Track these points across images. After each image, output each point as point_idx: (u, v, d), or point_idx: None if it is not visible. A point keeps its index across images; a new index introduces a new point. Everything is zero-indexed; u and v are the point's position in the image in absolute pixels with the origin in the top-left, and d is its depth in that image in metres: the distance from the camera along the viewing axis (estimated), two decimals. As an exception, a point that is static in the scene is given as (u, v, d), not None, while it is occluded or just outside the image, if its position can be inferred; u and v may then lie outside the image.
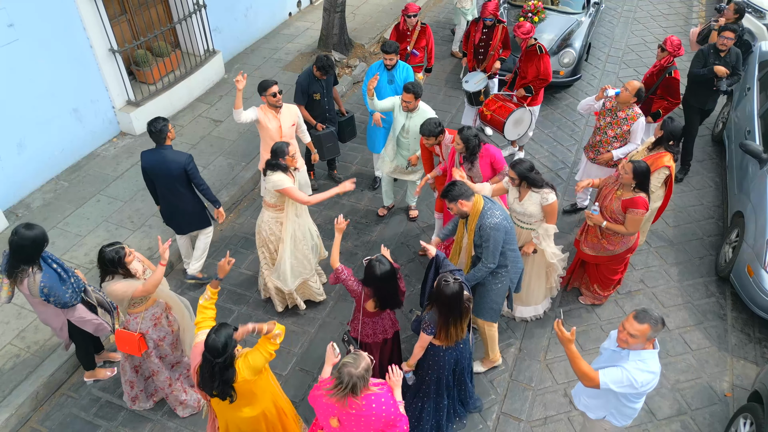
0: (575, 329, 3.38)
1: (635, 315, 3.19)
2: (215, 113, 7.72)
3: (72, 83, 6.41)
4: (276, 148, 4.64)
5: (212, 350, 3.11)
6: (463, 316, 3.69)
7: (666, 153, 5.04)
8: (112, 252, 3.76)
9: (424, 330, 3.73)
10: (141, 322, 4.04)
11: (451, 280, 3.56)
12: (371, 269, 3.72)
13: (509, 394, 4.73)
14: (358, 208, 6.52)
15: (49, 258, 3.97)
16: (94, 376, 4.77)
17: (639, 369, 3.20)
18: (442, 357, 3.89)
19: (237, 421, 3.52)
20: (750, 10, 8.98)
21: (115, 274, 3.82)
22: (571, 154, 7.36)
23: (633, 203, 4.55)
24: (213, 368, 3.14)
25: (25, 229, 3.79)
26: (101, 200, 6.30)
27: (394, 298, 3.90)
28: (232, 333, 3.19)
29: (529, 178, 4.44)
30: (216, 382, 3.18)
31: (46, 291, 3.83)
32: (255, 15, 9.16)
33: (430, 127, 4.96)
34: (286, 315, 5.33)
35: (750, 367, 4.95)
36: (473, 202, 4.06)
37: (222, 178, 6.67)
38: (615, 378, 3.23)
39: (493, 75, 7.07)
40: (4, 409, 4.41)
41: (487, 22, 6.78)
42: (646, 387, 3.22)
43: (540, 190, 4.48)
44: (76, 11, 6.18)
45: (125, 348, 4.07)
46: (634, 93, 5.29)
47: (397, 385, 3.30)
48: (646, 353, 3.23)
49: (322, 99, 5.99)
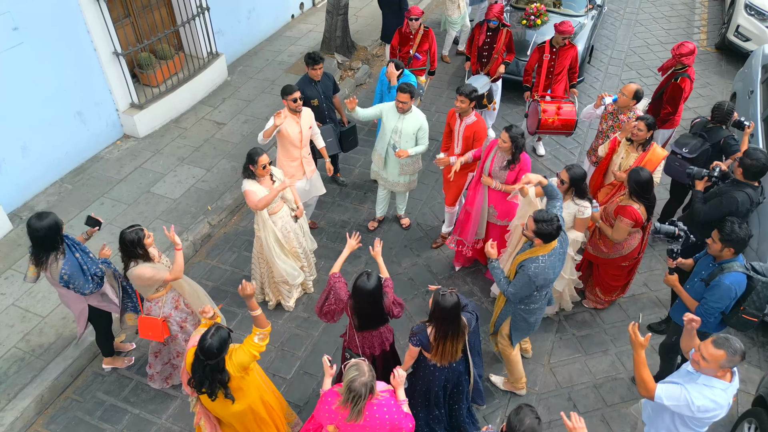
0: (650, 336, 3.34)
1: (714, 340, 3.06)
2: (218, 116, 7.73)
3: (76, 86, 6.42)
4: (250, 153, 4.58)
5: (207, 353, 3.17)
6: (459, 332, 3.63)
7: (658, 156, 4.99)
8: (132, 233, 3.87)
9: (410, 340, 3.70)
10: (162, 306, 4.16)
11: (448, 292, 3.51)
12: (356, 282, 3.67)
13: (513, 397, 4.73)
14: (361, 211, 6.52)
15: (74, 245, 4.08)
16: (113, 363, 4.85)
17: (701, 394, 3.08)
18: (432, 372, 3.81)
19: (225, 415, 3.59)
20: (753, 12, 8.99)
21: (136, 257, 3.92)
22: (574, 157, 7.37)
23: (623, 210, 4.50)
24: (204, 368, 3.21)
25: (38, 219, 3.86)
26: (105, 203, 6.31)
27: (374, 318, 3.82)
28: (227, 337, 3.24)
29: (579, 188, 4.39)
30: (207, 382, 3.24)
31: (66, 278, 3.94)
32: (258, 17, 9.17)
33: (469, 89, 5.05)
34: (289, 319, 5.34)
35: (754, 371, 4.95)
36: (547, 246, 3.87)
37: (225, 181, 6.68)
38: (671, 394, 3.15)
39: (497, 79, 7.07)
40: (9, 412, 4.42)
41: (491, 25, 6.77)
42: (704, 414, 3.10)
43: (581, 202, 4.44)
44: (80, 14, 6.20)
45: (148, 334, 4.18)
46: (631, 96, 5.31)
47: (400, 386, 3.32)
48: (718, 382, 3.10)
49: (320, 105, 5.94)
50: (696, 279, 4.06)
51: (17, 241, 5.77)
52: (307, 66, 5.78)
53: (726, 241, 3.76)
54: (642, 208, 4.47)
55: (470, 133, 5.23)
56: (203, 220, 6.15)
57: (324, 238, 6.15)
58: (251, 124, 7.59)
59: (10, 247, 5.72)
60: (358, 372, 3.00)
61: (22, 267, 5.50)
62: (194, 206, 6.34)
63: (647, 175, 4.43)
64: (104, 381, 4.81)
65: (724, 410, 3.15)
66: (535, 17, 8.42)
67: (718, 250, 3.84)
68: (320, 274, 5.76)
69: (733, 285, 3.76)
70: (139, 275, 3.93)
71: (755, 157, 4.42)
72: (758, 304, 3.79)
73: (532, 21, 8.41)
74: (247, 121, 7.66)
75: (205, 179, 6.70)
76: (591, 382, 4.87)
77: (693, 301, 4.02)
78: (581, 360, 5.05)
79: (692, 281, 4.11)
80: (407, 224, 6.33)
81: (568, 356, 5.07)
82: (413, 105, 5.42)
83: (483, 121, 5.28)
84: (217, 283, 5.62)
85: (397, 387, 3.31)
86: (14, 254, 5.64)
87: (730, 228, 3.72)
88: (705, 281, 3.93)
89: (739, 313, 3.86)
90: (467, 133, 5.25)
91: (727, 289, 3.77)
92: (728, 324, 4.00)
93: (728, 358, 3.03)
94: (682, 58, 5.79)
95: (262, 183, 4.66)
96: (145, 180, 6.64)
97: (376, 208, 6.21)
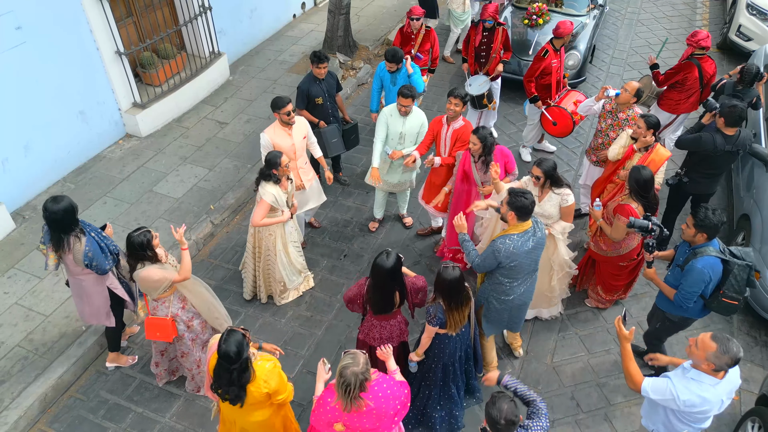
0: (634, 329, 3.42)
1: (715, 333, 3.10)
2: (221, 115, 7.73)
3: (78, 85, 6.43)
4: (270, 158, 4.65)
5: (225, 357, 3.14)
6: (464, 302, 3.77)
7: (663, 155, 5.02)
8: (140, 236, 3.88)
9: (429, 322, 3.80)
10: (170, 306, 4.15)
11: (451, 266, 3.65)
12: (376, 259, 3.75)
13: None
14: (364, 211, 6.53)
15: (86, 225, 4.12)
16: (117, 361, 4.86)
17: (688, 388, 3.12)
18: (447, 344, 3.94)
19: (245, 424, 3.53)
20: (754, 12, 8.99)
21: (144, 259, 3.92)
22: (576, 156, 7.37)
23: (621, 209, 4.52)
24: (231, 374, 3.18)
25: (53, 203, 3.89)
26: (107, 202, 6.32)
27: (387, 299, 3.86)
28: (242, 338, 3.20)
29: (554, 177, 4.46)
30: (233, 387, 3.20)
31: (91, 255, 3.98)
32: (259, 17, 9.18)
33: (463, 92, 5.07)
34: (292, 317, 5.34)
35: (757, 370, 4.95)
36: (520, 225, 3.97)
37: (228, 180, 6.68)
38: (657, 387, 3.19)
39: (495, 77, 7.07)
40: (13, 411, 4.42)
41: (487, 25, 6.77)
42: (690, 409, 3.13)
43: (561, 191, 4.50)
44: (83, 14, 6.20)
45: (156, 335, 4.18)
46: (633, 93, 5.34)
47: (389, 357, 3.49)
48: (707, 378, 3.12)
49: (324, 103, 5.97)
50: (675, 266, 4.18)
51: (20, 240, 5.77)
52: (312, 64, 5.79)
53: (699, 227, 3.88)
54: (640, 208, 4.46)
55: (457, 137, 5.20)
56: (206, 219, 6.16)
57: (326, 238, 6.16)
58: (253, 123, 7.59)
59: (13, 246, 5.72)
60: (353, 361, 3.00)
61: (26, 266, 5.51)
62: (197, 205, 6.34)
63: (648, 174, 4.43)
64: (108, 380, 4.81)
65: (714, 406, 3.17)
66: (537, 17, 8.42)
67: (692, 236, 3.96)
68: (323, 272, 5.76)
69: (705, 268, 3.86)
70: (147, 277, 3.92)
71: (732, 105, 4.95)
72: (737, 287, 3.88)
73: (534, 20, 8.41)
74: (249, 120, 7.66)
75: (208, 178, 6.71)
76: (594, 381, 4.87)
77: (671, 290, 4.15)
78: (584, 359, 5.05)
79: (673, 268, 4.22)
80: (410, 223, 6.34)
81: (570, 355, 5.08)
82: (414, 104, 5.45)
83: (470, 125, 5.24)
84: (219, 282, 5.63)
85: (387, 358, 3.46)
86: (17, 253, 5.64)
87: (704, 214, 3.85)
88: (680, 267, 4.05)
89: (719, 297, 3.94)
90: (455, 137, 5.21)
91: (700, 273, 3.87)
92: (711, 309, 4.08)
93: (716, 353, 3.04)
94: (700, 42, 6.10)
95: (281, 185, 4.73)
96: (147, 179, 6.65)
97: (374, 210, 6.22)
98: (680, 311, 4.18)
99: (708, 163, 5.21)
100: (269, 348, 3.79)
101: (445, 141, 5.25)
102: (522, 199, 3.89)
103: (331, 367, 3.45)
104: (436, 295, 3.78)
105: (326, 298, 5.53)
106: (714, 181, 5.42)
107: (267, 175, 4.66)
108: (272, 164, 4.64)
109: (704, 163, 5.24)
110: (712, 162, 5.19)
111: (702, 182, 5.39)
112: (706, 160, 5.20)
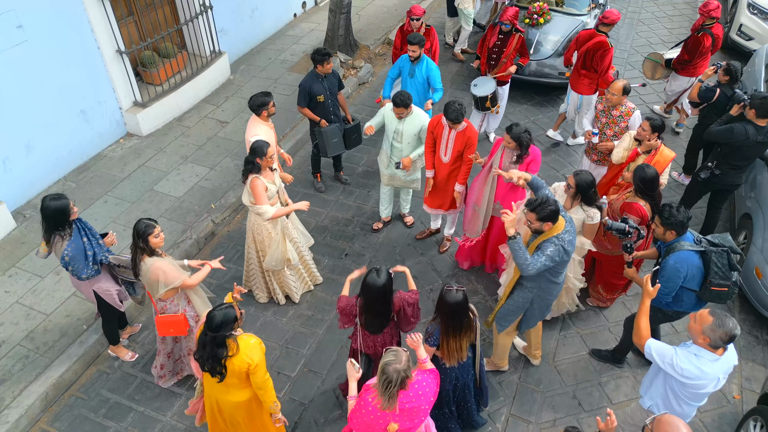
0: (659, 286, 3.61)
1: (714, 309, 3.24)
2: (221, 114, 7.73)
3: (79, 84, 6.42)
4: (256, 146, 4.57)
5: (208, 322, 3.31)
6: (463, 330, 3.65)
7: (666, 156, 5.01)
8: (142, 224, 3.99)
9: (427, 341, 3.72)
10: (179, 303, 4.24)
11: (455, 289, 3.55)
12: (366, 278, 3.68)
13: (518, 396, 4.73)
14: (365, 210, 6.52)
15: (85, 229, 4.20)
16: (117, 352, 4.91)
17: (688, 359, 3.23)
18: (443, 370, 3.82)
19: (222, 404, 3.61)
20: (756, 11, 8.98)
21: (137, 248, 4.02)
22: (577, 155, 7.37)
23: (629, 207, 4.50)
24: (205, 337, 3.33)
25: (51, 199, 4.02)
26: (109, 201, 6.31)
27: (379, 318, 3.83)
28: (233, 316, 3.34)
29: (587, 195, 4.38)
30: (205, 353, 3.33)
31: (67, 259, 4.09)
32: (260, 16, 9.17)
33: (455, 109, 4.93)
34: (293, 316, 5.34)
35: (759, 370, 4.95)
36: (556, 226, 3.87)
37: (228, 179, 6.68)
38: (661, 350, 3.30)
39: (504, 83, 7.05)
40: (15, 409, 4.42)
41: (504, 28, 6.73)
42: (688, 381, 3.22)
43: (589, 209, 4.42)
44: (84, 13, 6.20)
45: (169, 332, 4.26)
46: (620, 93, 5.45)
47: (419, 344, 3.43)
48: (706, 352, 3.23)
49: (326, 101, 5.96)
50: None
51: (21, 239, 5.77)
52: (318, 63, 5.78)
53: (666, 225, 3.96)
54: (648, 206, 4.46)
55: (464, 139, 5.13)
56: (207, 218, 6.16)
57: (328, 237, 6.15)
58: (254, 122, 7.58)
59: (14, 245, 5.72)
60: (395, 358, 3.00)
61: (27, 265, 5.50)
62: (198, 204, 6.34)
63: (653, 173, 4.42)
64: (109, 378, 4.81)
65: (711, 382, 3.24)
66: (538, 16, 8.41)
67: (662, 234, 4.04)
68: (324, 272, 5.76)
69: (678, 263, 3.91)
70: (158, 268, 3.99)
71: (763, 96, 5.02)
72: (721, 273, 3.91)
73: (535, 20, 8.40)
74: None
75: (209, 177, 6.71)
76: (596, 380, 4.87)
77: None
78: (585, 358, 5.04)
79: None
80: (411, 222, 6.33)
81: (572, 354, 5.07)
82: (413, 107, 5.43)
83: (472, 126, 5.19)
84: (220, 281, 5.62)
85: (417, 347, 3.42)
86: (18, 252, 5.64)
87: (669, 212, 3.93)
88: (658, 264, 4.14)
89: (708, 287, 3.97)
90: (460, 140, 5.13)
91: (672, 269, 3.93)
92: (705, 300, 4.12)
93: (712, 326, 3.15)
94: (711, 12, 6.49)
95: (265, 176, 4.66)
96: (148, 178, 6.64)
97: (380, 208, 6.19)
98: (674, 306, 4.20)
99: (739, 154, 5.28)
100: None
101: (447, 142, 5.23)
102: (546, 208, 3.78)
103: (360, 367, 3.44)
104: (436, 315, 3.71)
105: (327, 297, 5.52)
106: (743, 172, 5.50)
107: (251, 162, 4.57)
108: (258, 153, 4.56)
109: (735, 155, 5.31)
110: (743, 153, 5.25)
111: (731, 174, 5.46)
112: (738, 151, 5.26)
